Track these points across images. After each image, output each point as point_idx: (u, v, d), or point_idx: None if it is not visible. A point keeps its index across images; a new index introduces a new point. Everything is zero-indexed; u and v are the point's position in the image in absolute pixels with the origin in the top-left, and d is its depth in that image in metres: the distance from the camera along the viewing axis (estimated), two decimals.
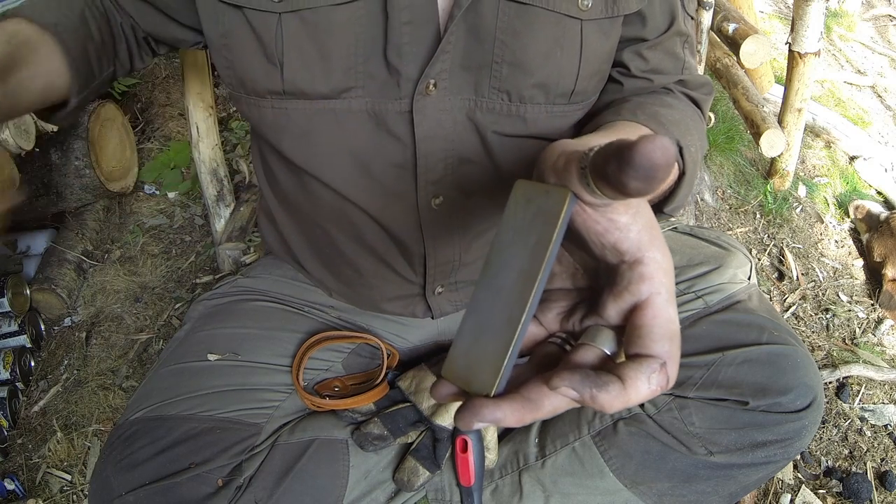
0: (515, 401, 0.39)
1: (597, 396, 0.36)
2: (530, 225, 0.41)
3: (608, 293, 0.42)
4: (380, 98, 0.68)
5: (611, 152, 0.35)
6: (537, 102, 0.71)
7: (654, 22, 0.73)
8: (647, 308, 0.40)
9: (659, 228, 0.42)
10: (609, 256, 0.42)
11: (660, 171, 0.33)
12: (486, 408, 0.38)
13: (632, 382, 0.37)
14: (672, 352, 0.39)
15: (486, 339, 0.41)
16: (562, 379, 0.37)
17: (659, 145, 0.33)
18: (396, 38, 0.65)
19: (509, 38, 0.67)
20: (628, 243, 0.40)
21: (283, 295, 0.92)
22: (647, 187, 0.34)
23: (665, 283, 0.40)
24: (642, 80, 0.75)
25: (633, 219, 0.40)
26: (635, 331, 0.39)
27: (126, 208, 1.96)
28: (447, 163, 0.73)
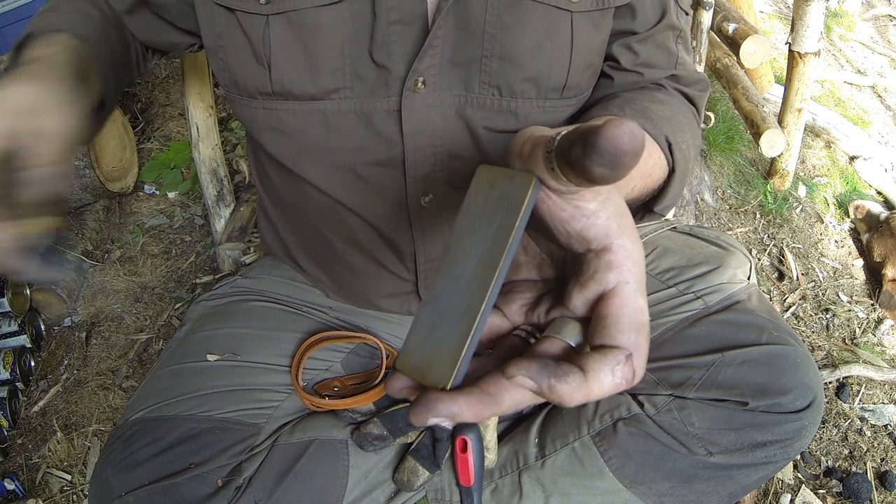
0: (473, 394, 0.36)
1: (555, 387, 0.34)
2: (493, 211, 0.39)
3: (574, 283, 0.40)
4: (368, 98, 0.68)
5: (576, 136, 0.33)
6: (529, 97, 0.71)
7: (644, 14, 0.73)
8: (614, 297, 0.38)
9: (630, 216, 0.40)
10: (575, 245, 0.40)
11: (626, 157, 0.32)
12: (442, 402, 0.36)
13: (594, 374, 0.35)
14: (639, 343, 0.37)
15: (444, 329, 0.38)
16: (518, 367, 0.35)
17: (626, 130, 0.31)
18: (384, 38, 0.65)
19: (499, 32, 0.66)
20: (595, 230, 0.38)
21: (282, 295, 0.92)
22: (613, 174, 0.33)
23: (634, 272, 0.38)
24: (633, 74, 0.75)
25: (601, 206, 0.38)
26: (601, 321, 0.37)
27: (126, 208, 1.96)
28: (436, 159, 0.72)
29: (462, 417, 0.36)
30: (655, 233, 0.96)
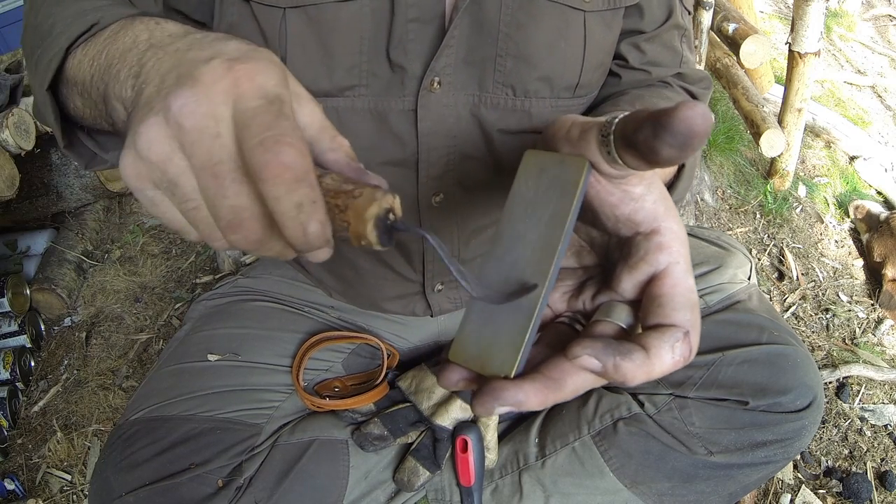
0: (537, 381, 0.36)
1: (620, 365, 0.34)
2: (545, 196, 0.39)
3: (622, 266, 0.40)
4: (383, 97, 0.68)
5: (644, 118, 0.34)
6: (542, 96, 0.71)
7: (651, 14, 0.74)
8: (666, 278, 0.38)
9: (672, 201, 0.41)
10: (623, 229, 0.40)
11: (697, 138, 0.32)
12: (507, 390, 0.36)
13: (656, 351, 0.35)
14: (694, 321, 0.38)
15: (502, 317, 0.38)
16: (583, 347, 0.35)
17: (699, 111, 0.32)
18: (401, 36, 0.64)
19: (513, 31, 0.66)
20: (644, 213, 0.39)
21: (283, 295, 0.92)
22: (681, 155, 0.33)
23: (683, 253, 0.39)
24: (640, 73, 0.75)
25: (647, 189, 0.39)
26: (655, 300, 0.38)
27: (126, 208, 1.96)
28: (449, 159, 0.73)
29: (528, 405, 0.36)
30: None
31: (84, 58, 0.47)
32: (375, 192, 0.34)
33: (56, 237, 1.77)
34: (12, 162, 1.43)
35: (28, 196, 1.71)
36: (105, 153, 0.58)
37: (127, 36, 0.43)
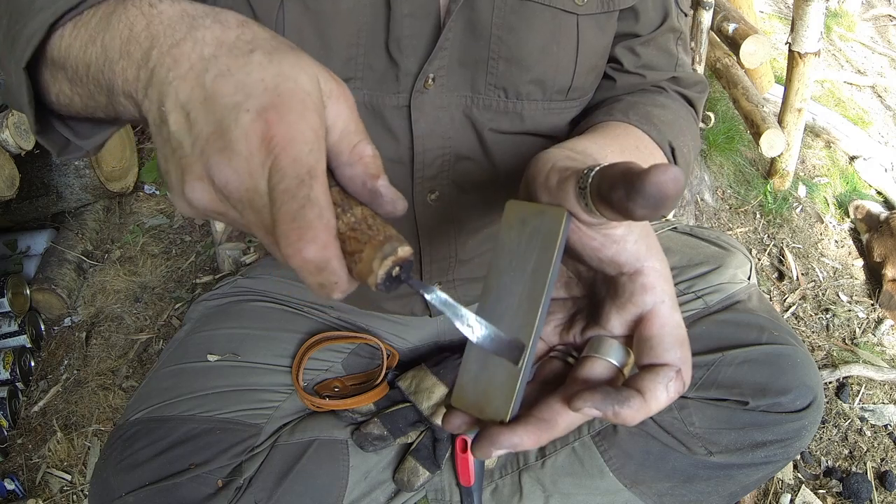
0: (530, 423, 0.39)
1: (619, 413, 0.37)
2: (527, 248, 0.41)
3: (610, 305, 0.42)
4: (377, 91, 0.68)
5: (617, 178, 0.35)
6: (534, 99, 0.71)
7: (646, 17, 0.73)
8: (654, 318, 0.40)
9: (654, 236, 0.42)
10: (607, 269, 0.41)
11: (670, 200, 0.33)
12: (503, 434, 0.39)
13: (651, 394, 0.38)
14: (684, 357, 0.39)
15: (495, 365, 0.41)
16: (584, 400, 0.37)
17: (671, 176, 0.33)
18: (398, 31, 0.64)
19: (505, 34, 0.66)
20: (626, 255, 0.40)
21: (283, 295, 0.92)
22: (654, 214, 0.34)
23: (667, 291, 0.41)
24: (635, 77, 0.75)
25: (627, 230, 0.40)
26: (646, 342, 0.40)
27: (126, 208, 1.96)
28: (444, 159, 0.72)
29: (523, 446, 0.39)
30: (656, 233, 0.96)
31: (74, 41, 0.43)
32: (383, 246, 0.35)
33: (56, 237, 1.77)
34: (12, 162, 1.43)
35: (28, 196, 1.71)
36: (80, 140, 0.54)
37: (122, 23, 0.40)
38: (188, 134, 0.35)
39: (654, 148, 0.66)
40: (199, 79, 0.36)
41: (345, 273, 0.35)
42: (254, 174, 0.34)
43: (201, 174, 0.35)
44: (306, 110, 0.35)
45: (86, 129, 0.54)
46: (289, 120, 0.34)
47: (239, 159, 0.34)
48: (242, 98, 0.35)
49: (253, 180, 0.34)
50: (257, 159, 0.34)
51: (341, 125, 0.38)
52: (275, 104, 0.34)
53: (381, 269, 0.35)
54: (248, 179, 0.34)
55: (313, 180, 0.34)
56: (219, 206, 0.36)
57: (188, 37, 0.37)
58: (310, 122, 0.35)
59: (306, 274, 0.34)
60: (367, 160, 0.38)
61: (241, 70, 0.36)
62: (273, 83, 0.35)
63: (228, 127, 0.34)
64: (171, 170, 0.37)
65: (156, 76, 0.37)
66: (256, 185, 0.34)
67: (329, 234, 0.34)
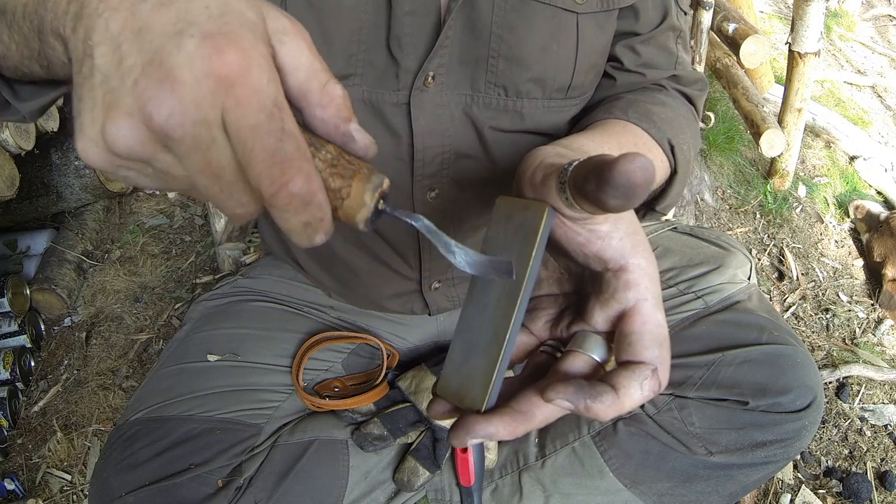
0: (506, 414, 0.39)
1: (591, 407, 0.37)
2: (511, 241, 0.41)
3: (594, 300, 0.42)
4: (377, 88, 0.68)
5: (590, 170, 0.35)
6: (534, 97, 0.71)
7: (646, 16, 0.74)
8: (636, 315, 0.40)
9: (643, 232, 0.42)
10: (593, 265, 0.42)
11: (639, 189, 0.34)
12: (479, 423, 0.39)
13: (625, 391, 0.38)
14: (662, 356, 0.40)
15: (475, 356, 0.42)
16: (556, 392, 0.37)
17: (639, 164, 0.33)
18: (398, 28, 0.64)
19: (505, 33, 0.67)
20: (611, 251, 0.41)
21: (283, 295, 0.92)
22: (627, 204, 0.34)
23: (651, 289, 0.41)
24: (635, 75, 0.75)
25: (613, 226, 0.41)
26: (625, 338, 0.40)
27: (126, 208, 1.96)
28: (444, 157, 0.73)
29: (499, 436, 0.39)
30: (656, 233, 0.96)
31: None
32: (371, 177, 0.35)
33: (56, 237, 1.77)
34: (12, 162, 1.43)
35: (28, 196, 1.71)
36: (19, 102, 0.50)
37: None
38: (116, 67, 0.31)
39: (652, 145, 0.66)
40: (134, 8, 0.31)
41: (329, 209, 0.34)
42: (202, 104, 0.30)
43: (131, 109, 0.30)
44: (256, 39, 0.32)
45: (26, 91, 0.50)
46: (239, 47, 0.31)
47: (184, 88, 0.30)
48: (185, 25, 0.31)
49: (201, 111, 0.30)
50: (206, 87, 0.30)
51: (305, 62, 0.35)
52: (222, 30, 0.31)
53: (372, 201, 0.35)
54: (196, 111, 0.30)
55: (282, 112, 0.31)
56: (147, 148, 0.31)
57: None
58: (261, 51, 0.32)
59: (292, 212, 0.32)
60: (339, 101, 0.36)
61: None
62: (218, 11, 0.32)
63: (169, 53, 0.30)
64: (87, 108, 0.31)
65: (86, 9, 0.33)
66: (205, 116, 0.30)
67: (311, 165, 0.32)
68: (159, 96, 0.30)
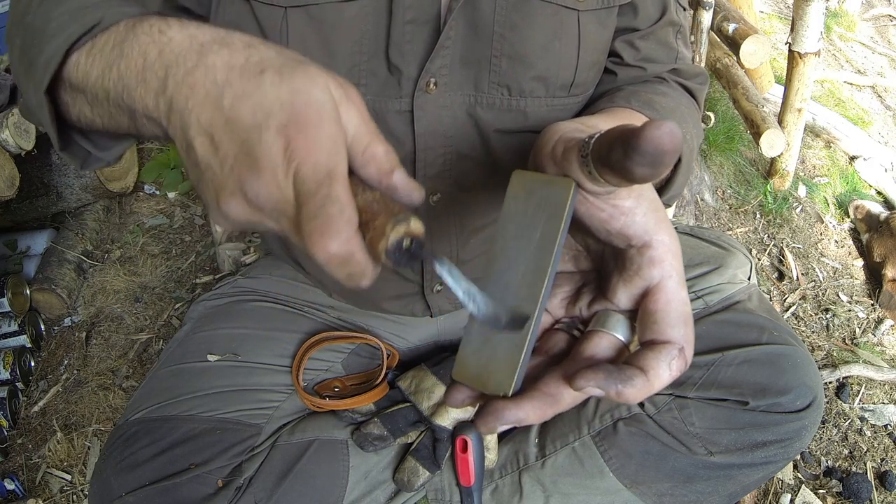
0: (535, 398, 0.38)
1: (623, 392, 0.36)
2: (533, 218, 0.40)
3: (617, 278, 0.41)
4: (380, 96, 0.68)
5: (615, 139, 0.35)
6: (537, 96, 0.71)
7: (645, 12, 0.74)
8: (660, 293, 0.39)
9: (664, 211, 0.41)
10: (616, 241, 0.41)
11: (667, 156, 0.33)
12: (508, 409, 0.38)
13: (654, 372, 0.37)
14: (687, 335, 0.39)
15: (498, 337, 0.40)
16: (586, 379, 0.37)
17: (666, 130, 0.32)
18: (398, 37, 0.65)
19: (507, 32, 0.67)
20: (635, 227, 0.40)
21: (283, 295, 0.92)
22: (654, 173, 0.34)
23: (675, 266, 0.40)
24: (636, 69, 0.76)
25: (636, 202, 0.40)
26: (650, 316, 0.39)
27: (126, 208, 1.96)
28: (446, 158, 0.73)
29: (529, 421, 0.38)
30: None
31: (91, 68, 0.46)
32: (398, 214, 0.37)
33: (56, 237, 1.77)
34: (12, 162, 1.43)
35: (28, 196, 1.71)
36: (100, 152, 0.57)
37: (135, 51, 0.42)
38: (215, 156, 0.38)
39: None
40: (217, 103, 0.38)
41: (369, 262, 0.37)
42: (281, 185, 0.36)
43: (234, 191, 0.37)
44: (321, 120, 0.37)
45: (106, 141, 0.56)
46: (306, 131, 0.36)
47: (266, 174, 0.36)
48: (262, 117, 0.36)
49: (281, 191, 0.36)
50: (282, 171, 0.36)
51: (352, 129, 0.39)
52: (292, 119, 0.36)
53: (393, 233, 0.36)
54: (277, 191, 0.36)
55: (332, 180, 0.36)
56: (254, 216, 0.38)
57: (200, 64, 0.39)
58: (326, 130, 0.36)
59: (333, 267, 0.36)
60: (380, 158, 0.39)
61: (256, 91, 0.37)
62: (288, 99, 0.37)
63: (253, 145, 0.36)
64: (205, 190, 0.39)
65: (175, 104, 0.39)
66: (284, 194, 0.36)
67: (350, 227, 0.35)
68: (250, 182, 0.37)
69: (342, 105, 0.39)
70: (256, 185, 0.37)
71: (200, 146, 0.38)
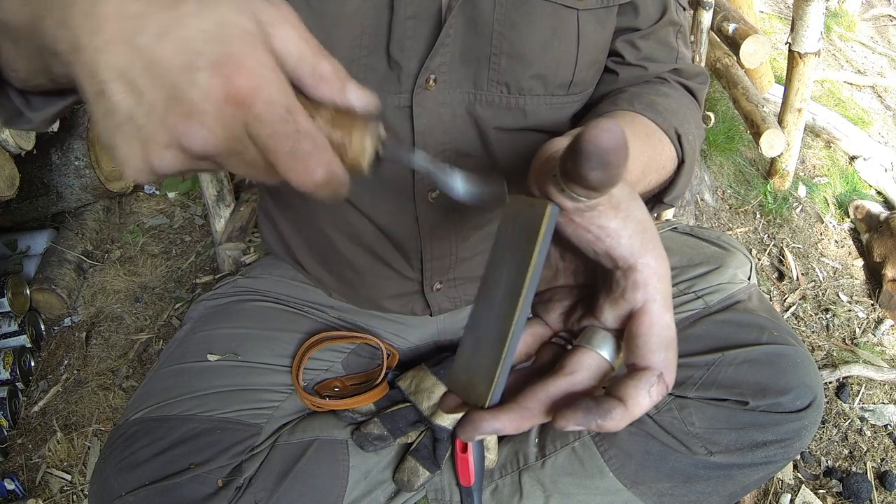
0: (513, 411, 0.39)
1: (603, 425, 0.37)
2: (517, 240, 0.41)
3: (604, 298, 0.42)
4: (379, 92, 0.68)
5: (567, 150, 0.35)
6: (536, 94, 0.71)
7: (646, 11, 0.74)
8: (644, 316, 0.40)
9: (654, 230, 0.41)
10: (603, 262, 0.41)
11: (611, 154, 0.33)
12: (485, 420, 0.39)
13: (633, 401, 0.38)
14: (668, 360, 0.39)
15: (482, 352, 0.42)
16: (566, 419, 0.37)
17: (605, 128, 0.32)
18: (399, 32, 0.65)
19: (507, 30, 0.67)
20: (620, 250, 0.40)
21: (283, 295, 0.92)
22: (608, 175, 0.34)
23: (660, 289, 0.40)
24: (637, 69, 0.76)
25: (622, 224, 0.40)
26: (633, 340, 0.40)
27: (126, 208, 1.96)
28: (445, 156, 0.73)
29: (505, 431, 0.39)
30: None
31: None
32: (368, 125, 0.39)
33: (56, 237, 1.77)
34: (12, 162, 1.43)
35: (28, 196, 1.71)
36: (31, 112, 0.51)
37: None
38: (139, 104, 0.34)
39: (661, 135, 0.66)
40: (133, 42, 0.33)
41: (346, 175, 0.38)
42: (229, 127, 0.34)
43: (168, 142, 0.34)
44: (256, 51, 0.35)
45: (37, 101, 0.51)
46: (246, 67, 0.34)
47: (209, 119, 0.34)
48: (190, 56, 0.33)
49: (230, 132, 0.34)
50: (229, 113, 0.34)
51: (294, 51, 0.37)
52: (225, 55, 0.34)
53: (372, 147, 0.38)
54: (226, 133, 0.34)
55: (293, 113, 0.35)
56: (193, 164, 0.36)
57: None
58: (264, 62, 0.35)
59: (318, 191, 0.36)
60: (330, 77, 0.39)
61: (177, 25, 0.33)
62: (215, 32, 0.34)
63: (186, 90, 0.33)
64: (124, 143, 0.35)
65: (80, 41, 0.34)
66: (235, 134, 0.35)
67: (327, 153, 0.36)
68: (190, 130, 0.34)
69: (275, 26, 0.36)
70: (201, 132, 0.34)
71: (117, 93, 0.34)
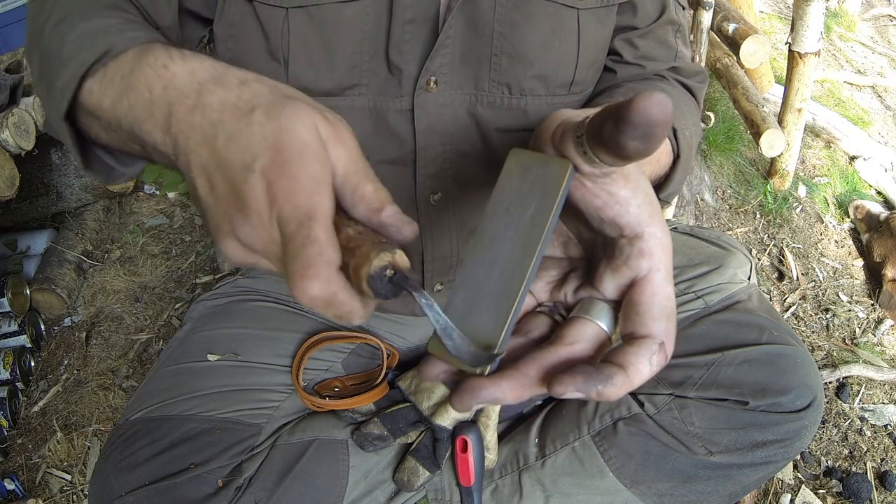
0: (514, 378, 0.38)
1: (603, 392, 0.36)
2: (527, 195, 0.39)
3: (605, 267, 0.41)
4: (381, 96, 0.68)
5: (607, 114, 0.34)
6: (538, 94, 0.71)
7: (644, 11, 0.74)
8: (646, 284, 0.39)
9: (658, 204, 0.41)
10: (608, 230, 0.41)
11: (657, 127, 0.33)
12: (485, 388, 0.37)
13: (634, 368, 0.36)
14: (669, 330, 0.38)
15: (481, 312, 0.39)
16: (564, 384, 0.36)
17: (656, 100, 0.32)
18: (398, 37, 0.65)
19: (507, 30, 0.67)
20: (628, 217, 0.40)
21: (283, 295, 0.92)
22: (646, 146, 0.33)
23: (664, 261, 0.40)
24: (635, 67, 0.76)
25: (632, 193, 0.40)
26: (634, 308, 0.39)
27: (126, 208, 1.96)
28: (446, 157, 0.73)
29: (505, 400, 0.37)
30: None
31: (103, 97, 0.47)
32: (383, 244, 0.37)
33: (56, 237, 1.77)
34: (12, 162, 1.43)
35: (28, 196, 1.71)
36: (123, 168, 0.59)
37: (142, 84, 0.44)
38: (211, 196, 0.39)
39: None
40: (212, 144, 0.39)
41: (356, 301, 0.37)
42: (266, 227, 0.37)
43: (229, 232, 0.39)
44: (304, 159, 0.37)
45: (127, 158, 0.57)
46: (288, 172, 0.36)
47: (253, 216, 0.37)
48: (249, 159, 0.37)
49: (267, 233, 0.37)
50: (266, 214, 0.37)
51: (341, 169, 0.39)
52: (275, 160, 0.37)
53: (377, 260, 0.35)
54: (263, 233, 0.37)
55: (312, 221, 0.36)
56: (249, 257, 0.40)
57: (198, 104, 0.40)
58: (308, 170, 0.37)
59: (318, 309, 0.36)
60: (369, 198, 0.39)
61: (245, 131, 0.38)
62: (273, 139, 0.37)
63: (240, 187, 0.37)
64: (209, 227, 0.41)
65: (179, 143, 0.41)
66: (270, 236, 0.37)
67: (331, 269, 0.35)
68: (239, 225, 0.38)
69: (330, 144, 0.39)
70: (245, 227, 0.38)
71: (201, 186, 0.39)
